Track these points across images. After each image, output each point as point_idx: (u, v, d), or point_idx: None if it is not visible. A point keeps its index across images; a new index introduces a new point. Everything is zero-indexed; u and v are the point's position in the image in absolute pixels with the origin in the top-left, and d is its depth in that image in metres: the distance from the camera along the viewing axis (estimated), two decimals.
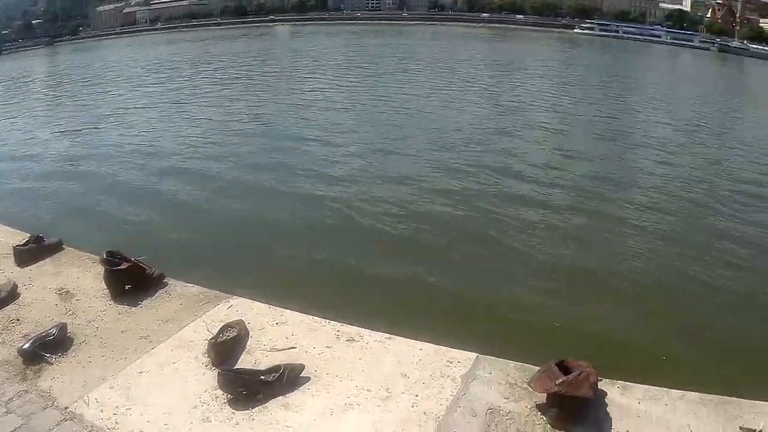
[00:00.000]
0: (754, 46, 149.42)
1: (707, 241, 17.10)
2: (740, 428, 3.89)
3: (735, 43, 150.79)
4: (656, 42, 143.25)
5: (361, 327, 4.93)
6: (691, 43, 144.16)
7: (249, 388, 4.18)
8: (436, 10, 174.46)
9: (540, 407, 3.98)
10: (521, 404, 3.99)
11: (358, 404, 4.09)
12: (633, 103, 47.92)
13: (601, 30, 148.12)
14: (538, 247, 15.71)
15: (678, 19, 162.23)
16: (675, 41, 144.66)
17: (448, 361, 4.35)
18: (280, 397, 4.14)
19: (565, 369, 4.01)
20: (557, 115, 38.13)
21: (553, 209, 18.97)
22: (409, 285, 13.39)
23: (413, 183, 20.82)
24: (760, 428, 3.83)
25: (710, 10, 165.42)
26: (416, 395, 4.02)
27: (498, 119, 34.82)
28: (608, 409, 4.05)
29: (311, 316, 4.92)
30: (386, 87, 45.81)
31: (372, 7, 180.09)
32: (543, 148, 28.28)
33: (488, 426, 3.83)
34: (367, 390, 4.20)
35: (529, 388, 4.09)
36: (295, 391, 4.20)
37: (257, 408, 4.07)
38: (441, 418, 3.89)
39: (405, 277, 13.77)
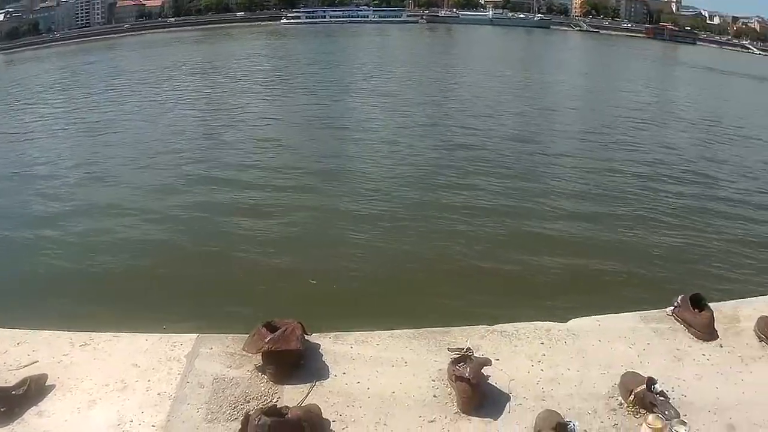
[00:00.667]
0: (464, 12, 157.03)
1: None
2: (448, 349, 4.56)
3: (444, 12, 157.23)
4: (364, 22, 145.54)
5: (92, 332, 5.21)
6: (399, 19, 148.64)
7: (4, 405, 4.66)
8: (144, 19, 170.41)
9: (259, 368, 4.50)
10: (243, 369, 4.52)
11: (100, 399, 4.41)
12: (345, 85, 50.23)
13: (307, 17, 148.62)
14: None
15: None
16: (383, 19, 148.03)
17: (172, 345, 4.84)
18: (33, 407, 4.37)
19: (273, 328, 4.57)
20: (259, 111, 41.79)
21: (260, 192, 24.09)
22: (128, 283, 16.34)
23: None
24: (466, 346, 4.52)
25: None
26: (148, 380, 4.49)
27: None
28: (324, 359, 4.61)
29: (48, 331, 5.14)
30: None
31: (82, 24, 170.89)
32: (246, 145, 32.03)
33: (216, 393, 4.32)
34: (105, 385, 4.53)
35: (246, 353, 4.70)
36: (45, 399, 4.44)
37: (16, 421, 4.29)
38: (173, 395, 4.30)
39: (126, 278, 16.82)
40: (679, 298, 5.47)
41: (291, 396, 4.29)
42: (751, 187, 29.11)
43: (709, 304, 5.50)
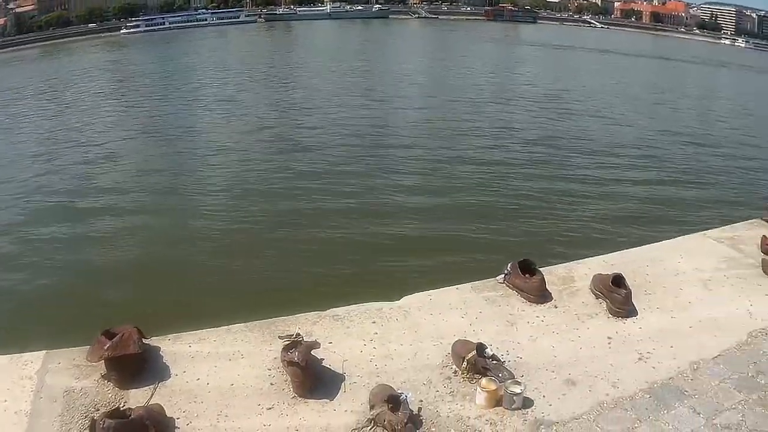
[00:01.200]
0: (302, 9, 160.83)
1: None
2: (279, 337, 4.74)
3: (282, 10, 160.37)
4: (204, 25, 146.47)
5: None
6: (238, 19, 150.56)
7: None
8: None
9: (104, 376, 4.48)
10: (90, 379, 4.48)
11: None
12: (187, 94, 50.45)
13: (147, 26, 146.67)
14: None
15: None
16: (222, 21, 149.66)
17: (23, 364, 4.81)
18: None
19: (112, 336, 4.67)
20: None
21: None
22: None
23: None
24: (296, 332, 4.72)
25: None
26: (5, 400, 4.40)
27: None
28: (164, 360, 4.63)
29: None
30: None
31: None
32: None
33: (68, 405, 4.21)
34: None
35: (90, 363, 4.78)
36: None
37: None
38: (29, 411, 4.27)
39: None
40: (509, 265, 5.60)
41: (136, 399, 4.30)
42: (588, 162, 31.28)
43: (543, 268, 5.72)
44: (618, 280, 5.37)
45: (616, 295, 5.28)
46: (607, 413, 4.17)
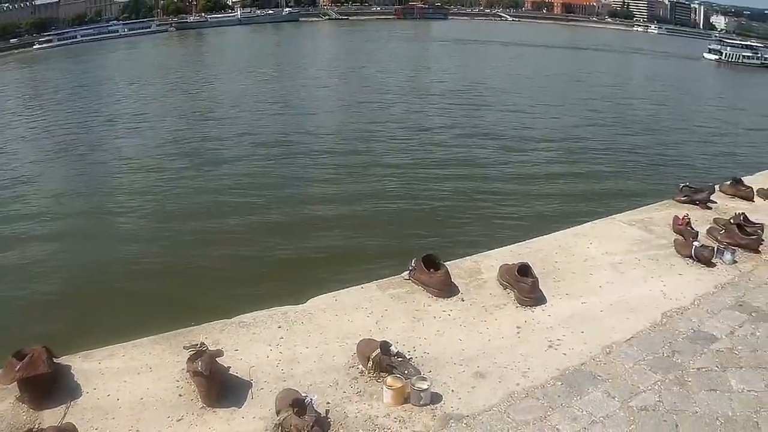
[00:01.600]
0: (213, 15, 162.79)
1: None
2: (184, 347, 4.59)
3: (193, 18, 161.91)
4: (116, 37, 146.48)
5: None
6: (149, 29, 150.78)
7: None
8: None
9: (18, 398, 4.38)
10: (5, 402, 4.24)
11: None
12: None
13: (60, 39, 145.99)
14: None
15: (134, 9, 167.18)
16: (134, 31, 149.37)
17: None
18: None
19: (23, 357, 4.53)
20: None
21: None
22: None
23: None
24: (200, 341, 4.56)
25: None
26: None
27: None
28: (76, 378, 4.47)
29: None
30: None
31: None
32: None
33: None
34: None
35: (4, 387, 4.59)
36: None
37: None
38: None
39: None
40: (414, 260, 5.56)
41: (50, 419, 4.19)
42: (499, 155, 32.24)
43: (450, 262, 5.70)
44: (524, 269, 5.38)
45: (523, 284, 5.28)
46: (518, 403, 4.13)
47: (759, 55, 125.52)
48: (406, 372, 4.20)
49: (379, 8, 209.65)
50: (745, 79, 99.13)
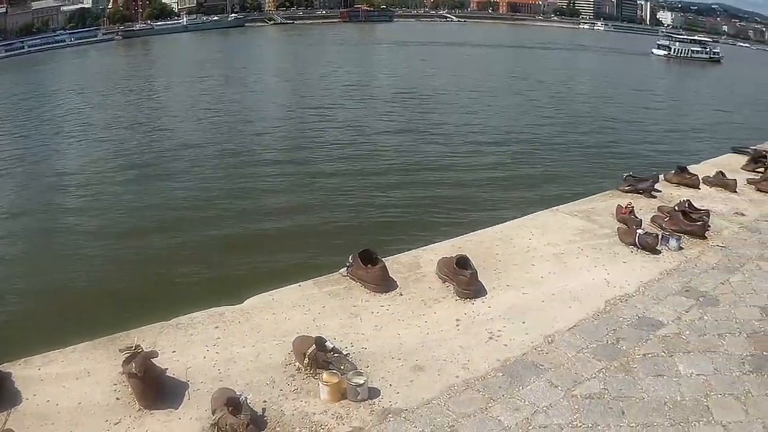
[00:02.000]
0: (158, 23, 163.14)
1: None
2: (119, 350, 4.52)
3: (139, 26, 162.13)
4: (63, 46, 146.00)
5: None
6: (96, 38, 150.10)
7: None
8: None
9: None
10: None
11: None
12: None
13: (7, 51, 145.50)
14: None
15: (81, 19, 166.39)
16: (81, 41, 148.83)
17: None
18: None
19: None
20: None
21: None
22: None
23: None
24: (135, 344, 4.48)
25: (111, 0, 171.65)
26: None
27: None
28: (16, 385, 4.44)
29: None
30: None
31: None
32: None
33: None
34: None
35: None
36: None
37: None
38: None
39: None
40: (351, 256, 5.56)
41: None
42: (443, 152, 32.81)
43: (389, 257, 5.75)
44: (462, 262, 5.40)
45: (462, 277, 5.30)
46: (458, 396, 4.13)
47: (708, 49, 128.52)
48: (342, 368, 4.20)
49: (324, 12, 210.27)
50: (694, 74, 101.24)
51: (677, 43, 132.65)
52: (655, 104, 57.33)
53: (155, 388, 4.25)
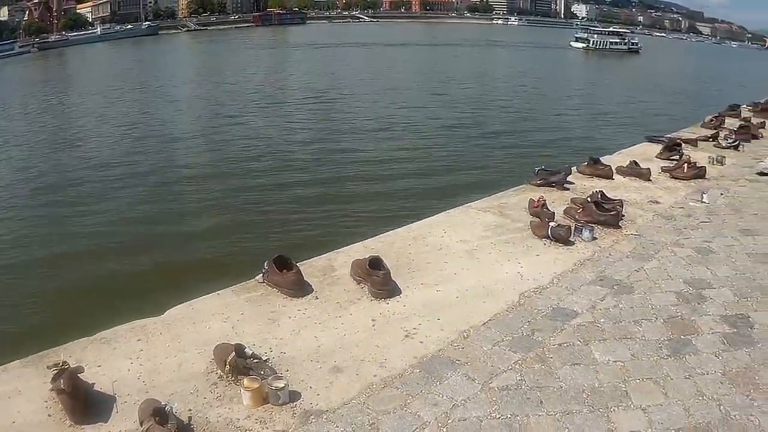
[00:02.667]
0: (73, 34, 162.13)
1: None
2: (47, 367, 4.56)
3: (54, 37, 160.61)
4: None
5: None
6: (12, 51, 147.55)
7: None
8: None
9: None
10: None
11: None
12: None
13: None
14: None
15: None
16: None
17: None
18: None
19: None
20: None
21: None
22: None
23: None
24: (61, 360, 4.52)
25: (27, 12, 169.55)
26: None
27: None
28: None
29: None
30: None
31: None
32: None
33: None
34: None
35: None
36: None
37: None
38: None
39: None
40: (266, 263, 5.69)
41: None
42: (354, 155, 33.34)
43: (304, 261, 5.91)
44: (375, 262, 5.57)
45: (375, 277, 5.47)
46: (377, 394, 4.28)
47: (626, 40, 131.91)
48: (262, 373, 4.32)
49: (237, 16, 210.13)
50: (613, 65, 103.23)
51: (595, 36, 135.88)
52: (573, 97, 58.47)
53: (84, 403, 4.30)
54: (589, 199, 7.69)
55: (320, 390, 4.34)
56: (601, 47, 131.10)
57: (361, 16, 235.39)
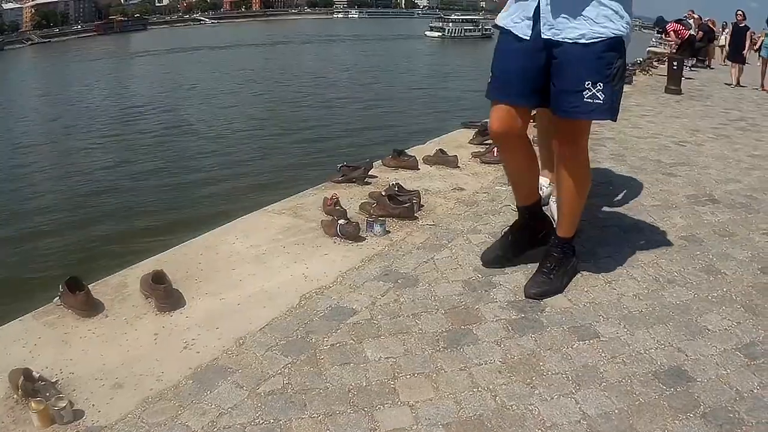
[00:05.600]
0: None
1: None
2: None
3: None
4: None
5: None
6: None
7: None
8: None
9: None
10: None
11: None
12: None
13: None
14: None
15: None
16: None
17: None
18: None
19: None
20: None
21: None
22: None
23: None
24: None
25: None
26: None
27: None
28: None
29: None
30: None
31: None
32: None
33: None
34: None
35: None
36: None
37: None
38: None
39: None
40: (60, 285, 5.96)
41: None
42: (156, 164, 33.46)
43: (98, 281, 6.31)
44: (158, 277, 5.91)
45: (158, 292, 5.80)
46: (152, 407, 4.64)
47: (480, 27, 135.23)
48: (47, 394, 4.67)
49: (80, 26, 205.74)
50: (467, 51, 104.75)
51: (450, 24, 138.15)
52: (413, 88, 58.83)
53: None
54: (384, 192, 8.07)
55: (102, 407, 4.68)
56: (456, 35, 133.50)
57: (202, 18, 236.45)
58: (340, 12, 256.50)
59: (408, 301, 5.57)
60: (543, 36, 4.78)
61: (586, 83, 4.70)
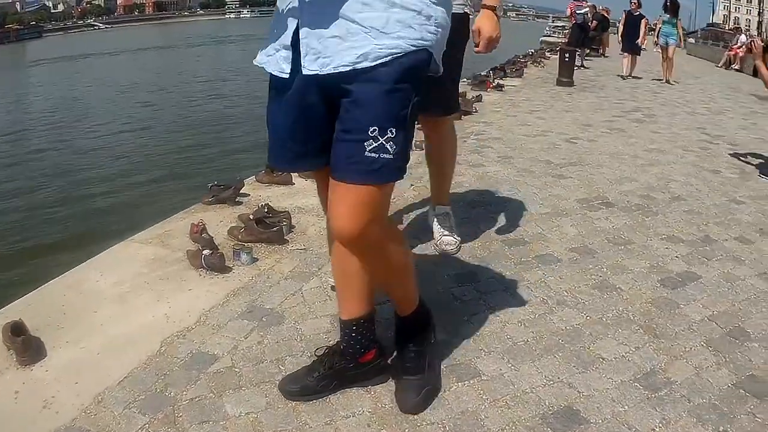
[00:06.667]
0: None
1: None
2: None
3: None
4: None
5: None
6: None
7: None
8: None
9: None
10: None
11: None
12: None
13: None
14: None
15: None
16: None
17: None
18: None
19: None
20: None
21: None
22: None
23: None
24: None
25: None
26: None
27: None
28: None
29: None
30: None
31: None
32: None
33: None
34: None
35: None
36: None
37: None
38: None
39: None
40: None
41: None
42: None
43: None
44: (16, 327, 5.56)
45: (17, 345, 5.44)
46: None
47: None
48: None
49: None
50: None
51: None
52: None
53: None
54: (251, 216, 7.88)
55: None
56: None
57: (97, 23, 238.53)
58: (232, 12, 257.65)
59: (272, 342, 5.29)
60: (306, 72, 3.45)
61: (371, 130, 3.33)
